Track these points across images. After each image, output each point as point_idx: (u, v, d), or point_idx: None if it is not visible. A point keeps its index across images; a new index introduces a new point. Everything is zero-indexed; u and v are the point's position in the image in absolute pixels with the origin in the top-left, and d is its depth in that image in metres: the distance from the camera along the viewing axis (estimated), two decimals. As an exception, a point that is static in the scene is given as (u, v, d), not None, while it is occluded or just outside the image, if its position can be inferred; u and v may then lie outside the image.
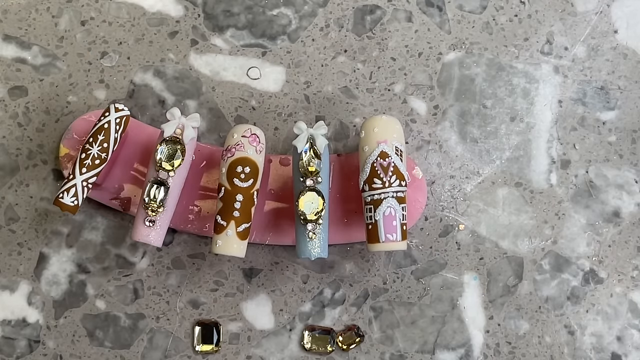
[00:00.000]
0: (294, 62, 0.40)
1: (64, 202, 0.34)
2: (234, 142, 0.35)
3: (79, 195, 0.35)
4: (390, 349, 0.40)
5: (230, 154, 0.35)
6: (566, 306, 0.40)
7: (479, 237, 0.40)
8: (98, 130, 0.35)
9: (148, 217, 0.35)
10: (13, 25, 0.40)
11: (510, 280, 0.40)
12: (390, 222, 0.35)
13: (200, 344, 0.39)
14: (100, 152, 0.35)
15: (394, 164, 0.35)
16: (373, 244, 0.35)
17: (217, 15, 0.40)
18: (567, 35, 0.41)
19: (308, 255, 0.35)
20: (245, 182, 0.35)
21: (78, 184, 0.34)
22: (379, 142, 0.35)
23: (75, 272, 0.40)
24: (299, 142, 0.35)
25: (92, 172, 0.35)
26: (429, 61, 0.40)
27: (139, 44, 0.40)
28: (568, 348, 0.40)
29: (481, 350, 0.40)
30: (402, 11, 0.41)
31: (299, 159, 0.35)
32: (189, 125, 0.35)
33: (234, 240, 0.35)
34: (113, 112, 0.35)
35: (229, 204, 0.35)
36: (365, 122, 0.36)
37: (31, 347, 0.39)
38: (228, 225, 0.35)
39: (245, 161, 0.35)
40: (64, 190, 0.35)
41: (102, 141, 0.35)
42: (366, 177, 0.35)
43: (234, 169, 0.35)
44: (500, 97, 0.41)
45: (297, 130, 0.35)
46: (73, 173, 0.34)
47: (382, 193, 0.35)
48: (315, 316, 0.40)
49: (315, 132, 0.35)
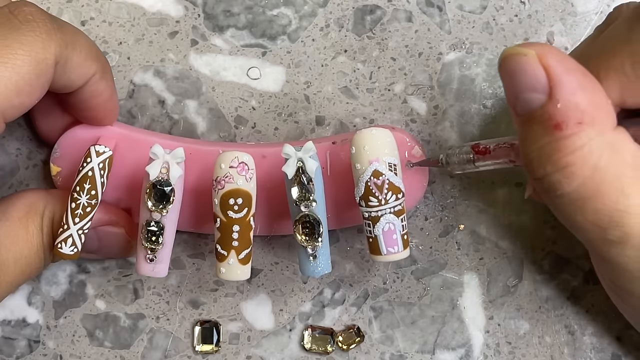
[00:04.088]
0: (294, 62, 0.40)
1: (64, 252, 0.34)
2: (222, 173, 0.34)
3: (77, 243, 0.34)
4: (390, 349, 0.40)
5: (220, 186, 0.34)
6: (566, 306, 0.40)
7: (479, 237, 0.40)
8: (83, 179, 0.34)
9: (148, 254, 0.35)
10: (13, 25, 0.40)
11: (510, 280, 0.40)
12: (390, 237, 0.34)
13: (200, 344, 0.40)
14: (90, 200, 0.34)
15: (388, 181, 0.34)
16: (375, 255, 0.35)
17: (217, 15, 0.40)
18: (568, 36, 0.41)
19: (312, 275, 0.35)
20: (239, 213, 0.34)
21: (74, 233, 0.34)
22: (370, 161, 0.34)
23: (75, 272, 0.40)
24: (289, 168, 0.34)
25: (85, 220, 0.34)
26: (429, 61, 0.40)
27: (139, 44, 0.40)
28: (568, 348, 0.40)
29: (481, 350, 0.40)
30: (402, 11, 0.41)
31: (290, 186, 0.34)
32: (174, 162, 0.34)
33: (236, 267, 0.35)
34: (94, 157, 0.34)
35: (226, 235, 0.34)
36: (355, 138, 0.34)
37: (31, 347, 0.40)
38: (229, 254, 0.34)
39: (237, 193, 0.34)
40: (61, 241, 0.34)
41: (90, 189, 0.34)
42: (361, 194, 0.34)
43: (226, 202, 0.34)
44: (501, 97, 0.41)
45: (285, 155, 0.34)
46: (67, 223, 0.34)
47: (379, 210, 0.34)
48: (315, 316, 0.40)
49: (304, 155, 0.34)
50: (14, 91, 0.30)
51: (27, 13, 0.31)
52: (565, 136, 0.29)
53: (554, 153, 0.29)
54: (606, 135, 0.29)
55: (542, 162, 0.30)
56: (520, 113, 0.30)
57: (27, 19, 0.31)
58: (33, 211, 0.35)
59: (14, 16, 0.31)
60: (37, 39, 0.30)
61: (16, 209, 0.35)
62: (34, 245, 0.35)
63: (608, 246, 0.31)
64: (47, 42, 0.30)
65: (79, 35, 0.33)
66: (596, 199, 0.29)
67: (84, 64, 0.33)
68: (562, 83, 0.29)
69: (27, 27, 0.30)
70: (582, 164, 0.29)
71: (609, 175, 0.29)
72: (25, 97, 0.31)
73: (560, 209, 0.31)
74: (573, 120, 0.29)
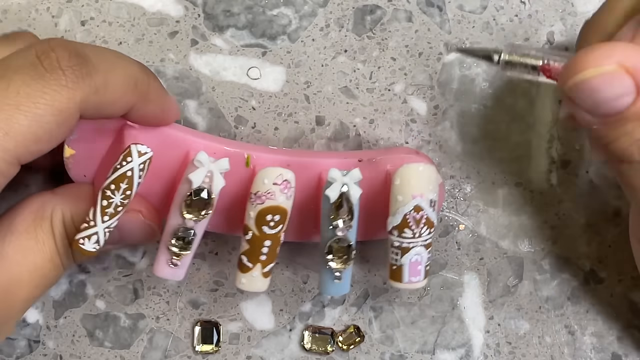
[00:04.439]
0: (294, 62, 0.40)
1: (85, 248, 0.32)
2: (264, 189, 0.33)
3: (100, 241, 0.33)
4: (390, 349, 0.40)
5: (260, 201, 0.33)
6: (566, 306, 0.40)
7: (479, 237, 0.40)
8: (120, 178, 0.32)
9: (173, 259, 0.34)
10: (13, 25, 0.40)
11: (510, 280, 0.40)
12: (415, 267, 0.34)
13: (200, 344, 0.39)
14: (123, 200, 0.32)
15: (426, 216, 0.34)
16: (395, 281, 0.35)
17: (217, 15, 0.40)
18: (568, 36, 0.41)
19: (334, 294, 0.35)
20: (274, 229, 0.33)
21: (100, 231, 0.32)
22: (414, 195, 0.34)
23: (75, 272, 0.40)
24: (332, 192, 0.33)
25: (115, 219, 0.33)
26: (429, 61, 0.40)
27: (139, 44, 0.40)
28: (568, 348, 0.40)
29: (481, 350, 0.40)
30: (402, 11, 0.41)
31: (329, 209, 0.34)
32: (218, 172, 0.33)
33: (258, 280, 0.34)
34: (136, 157, 0.32)
35: (256, 249, 0.34)
36: (402, 171, 0.34)
37: (31, 347, 0.40)
38: (254, 267, 0.34)
39: (276, 210, 0.33)
40: (84, 237, 0.32)
41: (125, 189, 0.32)
42: (397, 225, 0.34)
43: (263, 217, 0.33)
44: (501, 97, 0.40)
45: (330, 179, 0.33)
46: (94, 219, 0.32)
47: (411, 242, 0.34)
48: (315, 316, 0.40)
49: (350, 181, 0.33)
50: (32, 139, 0.29)
51: (54, 59, 0.29)
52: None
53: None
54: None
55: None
56: (607, 115, 0.31)
57: (52, 67, 0.29)
58: (40, 217, 0.33)
59: (40, 62, 0.29)
60: (62, 88, 0.29)
61: (22, 219, 0.33)
62: (46, 254, 0.33)
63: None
64: (72, 92, 0.29)
65: (114, 72, 0.31)
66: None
67: (120, 100, 0.31)
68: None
69: (52, 75, 0.29)
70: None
71: None
72: (44, 144, 0.29)
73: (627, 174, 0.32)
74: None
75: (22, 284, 0.32)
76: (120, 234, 0.35)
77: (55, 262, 0.34)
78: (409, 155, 0.37)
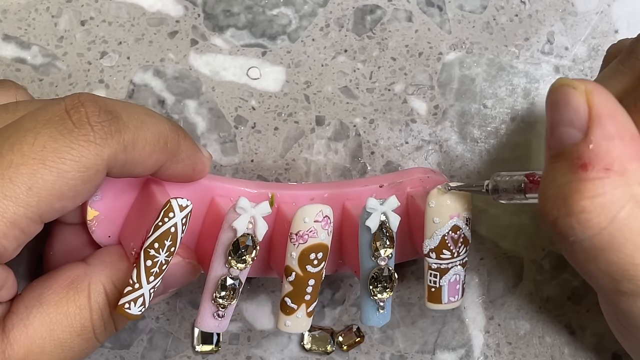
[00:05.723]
0: (294, 62, 0.40)
1: (132, 312, 0.31)
2: (305, 227, 0.32)
3: (146, 302, 0.31)
4: (391, 349, 0.40)
5: (302, 240, 0.32)
6: (566, 306, 0.40)
7: (479, 237, 0.40)
8: (164, 235, 0.31)
9: (219, 311, 0.33)
10: (12, 25, 0.40)
11: (510, 280, 0.40)
12: (454, 287, 0.35)
13: (200, 344, 0.39)
14: (168, 257, 0.31)
15: (463, 235, 0.34)
16: (434, 303, 0.35)
17: (217, 15, 0.40)
18: (568, 35, 0.41)
19: (377, 325, 0.35)
20: (317, 267, 0.33)
21: (146, 293, 0.31)
22: (451, 216, 0.34)
23: (75, 272, 0.40)
24: (372, 222, 0.33)
25: (160, 277, 0.31)
26: (429, 61, 0.40)
27: (139, 43, 0.40)
28: (568, 348, 0.40)
29: (481, 350, 0.40)
30: (402, 11, 0.41)
31: (370, 239, 0.33)
32: (260, 216, 0.32)
33: (303, 320, 0.34)
34: (178, 211, 0.31)
35: (300, 289, 0.33)
36: (435, 192, 0.34)
37: (31, 348, 0.39)
38: (299, 308, 0.33)
39: (319, 247, 0.32)
40: (130, 301, 0.31)
41: (170, 246, 0.31)
42: (434, 247, 0.34)
43: (307, 256, 0.32)
44: (501, 97, 0.40)
45: (369, 210, 0.33)
46: (139, 281, 0.31)
47: (450, 263, 0.34)
48: (315, 316, 0.40)
49: (387, 209, 0.33)
50: (56, 196, 0.28)
51: (83, 114, 0.28)
52: (588, 178, 0.27)
53: (572, 194, 0.27)
54: (633, 187, 0.27)
55: (557, 203, 0.27)
56: (552, 147, 0.28)
57: (81, 122, 0.28)
58: (74, 290, 0.31)
59: (69, 116, 0.28)
60: (89, 144, 0.28)
61: (53, 292, 0.31)
62: (76, 329, 0.31)
63: (619, 296, 0.29)
64: (100, 149, 0.28)
65: (143, 129, 0.30)
66: (611, 251, 0.27)
67: (149, 159, 0.30)
68: (601, 125, 0.27)
69: (80, 131, 0.28)
70: (599, 212, 0.27)
71: (628, 229, 0.27)
72: (68, 202, 0.28)
73: (571, 255, 0.29)
74: (601, 165, 0.27)
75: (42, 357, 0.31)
76: (164, 284, 0.33)
77: (85, 336, 0.32)
78: (427, 175, 0.37)
